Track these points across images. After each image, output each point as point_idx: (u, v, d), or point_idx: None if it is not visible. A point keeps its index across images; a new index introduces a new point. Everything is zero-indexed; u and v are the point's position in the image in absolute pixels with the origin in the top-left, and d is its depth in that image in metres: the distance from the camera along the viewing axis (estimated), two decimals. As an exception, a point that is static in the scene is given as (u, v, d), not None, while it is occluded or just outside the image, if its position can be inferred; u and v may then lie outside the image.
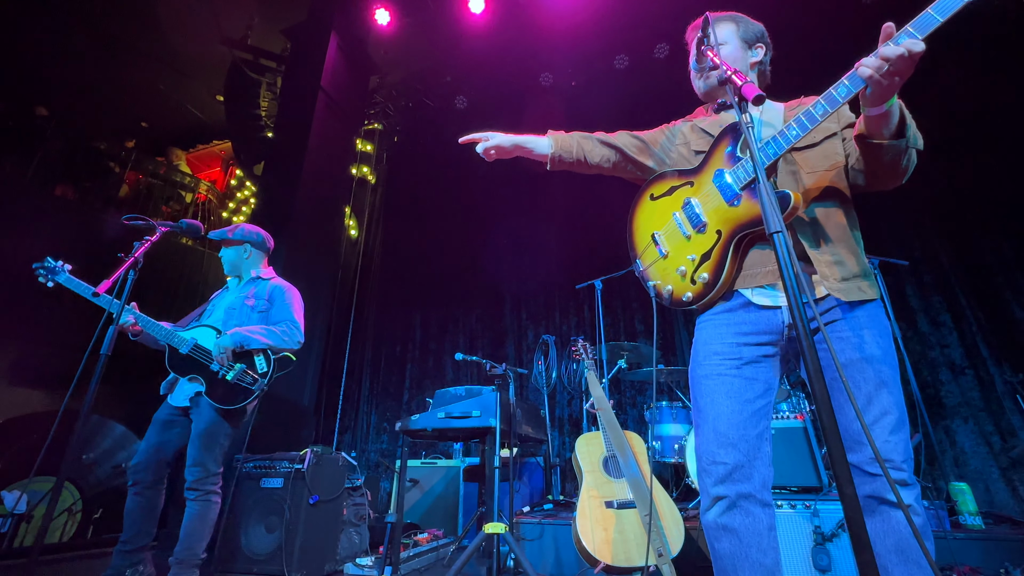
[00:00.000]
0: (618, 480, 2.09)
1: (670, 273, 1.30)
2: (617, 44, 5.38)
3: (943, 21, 0.91)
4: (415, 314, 5.78)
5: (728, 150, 1.25)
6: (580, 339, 2.74)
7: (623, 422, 4.42)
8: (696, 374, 1.23)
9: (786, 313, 1.18)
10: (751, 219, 1.16)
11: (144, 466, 2.18)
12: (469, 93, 6.16)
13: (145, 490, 2.16)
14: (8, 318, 4.34)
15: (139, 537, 2.12)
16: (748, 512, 1.09)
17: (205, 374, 2.26)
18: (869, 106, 1.04)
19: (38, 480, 3.12)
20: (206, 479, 2.17)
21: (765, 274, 1.20)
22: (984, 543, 2.12)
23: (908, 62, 0.93)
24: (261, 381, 2.33)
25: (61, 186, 5.76)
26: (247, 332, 2.34)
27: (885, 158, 1.11)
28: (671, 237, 1.32)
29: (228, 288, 2.67)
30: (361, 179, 6.53)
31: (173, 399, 2.30)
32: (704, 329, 1.26)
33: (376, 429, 5.39)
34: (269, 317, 2.52)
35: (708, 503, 1.14)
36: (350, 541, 2.85)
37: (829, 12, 4.28)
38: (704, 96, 1.46)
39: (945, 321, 3.60)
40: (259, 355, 2.38)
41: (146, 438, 2.25)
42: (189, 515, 2.14)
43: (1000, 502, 3.04)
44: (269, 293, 2.57)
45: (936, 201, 3.82)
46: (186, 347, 2.28)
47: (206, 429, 2.20)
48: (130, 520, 2.14)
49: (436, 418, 2.50)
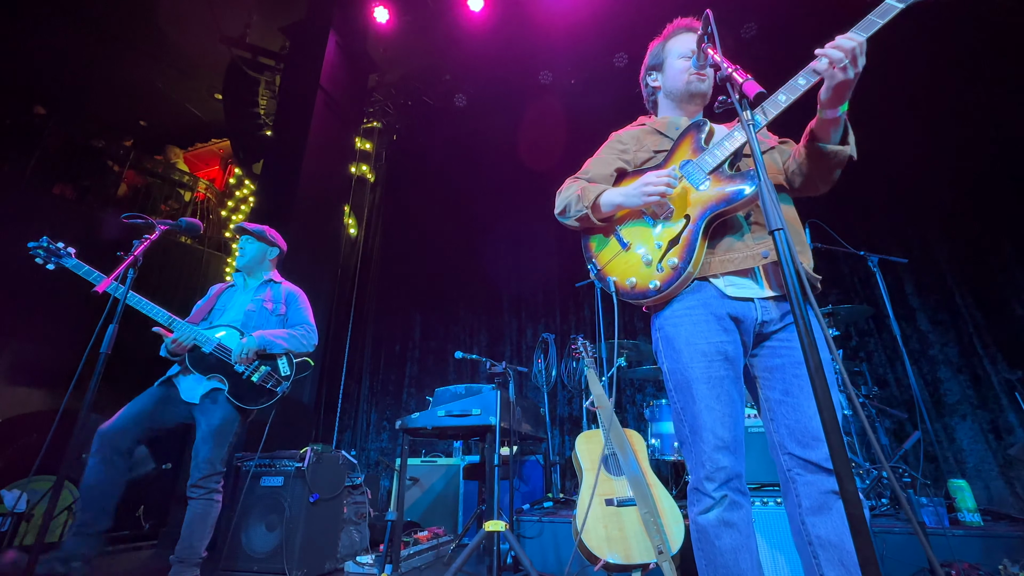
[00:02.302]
0: (618, 478, 2.10)
1: (633, 264, 1.29)
2: (616, 42, 5.37)
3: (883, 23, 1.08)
4: (415, 312, 5.78)
5: (693, 143, 1.30)
6: (580, 337, 2.74)
7: (623, 420, 4.43)
8: (684, 376, 1.20)
9: (759, 308, 1.20)
10: (719, 199, 1.20)
11: (121, 429, 2.05)
12: (468, 91, 6.15)
13: (112, 458, 2.01)
14: (7, 317, 4.33)
15: (100, 518, 1.96)
16: (742, 505, 1.14)
17: (228, 374, 2.27)
18: (827, 108, 1.14)
19: (38, 479, 3.12)
20: (211, 477, 2.15)
21: (733, 260, 1.21)
22: (983, 539, 2.12)
23: (851, 53, 1.06)
24: (285, 384, 2.38)
25: (60, 185, 5.74)
26: (271, 336, 2.39)
27: (829, 162, 1.21)
28: (633, 229, 1.32)
29: (236, 286, 2.64)
30: (360, 177, 6.52)
31: (182, 393, 2.26)
32: (683, 325, 1.22)
33: (376, 427, 5.39)
34: (286, 321, 2.59)
35: (709, 504, 1.14)
36: (350, 539, 2.86)
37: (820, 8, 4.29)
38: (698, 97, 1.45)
39: (943, 319, 3.60)
40: (282, 358, 2.43)
41: (136, 401, 2.16)
42: (193, 514, 2.11)
43: (998, 499, 3.06)
44: (285, 297, 2.64)
45: (935, 198, 3.83)
46: (210, 346, 2.27)
47: (220, 426, 2.19)
48: (91, 495, 1.95)
49: (436, 416, 2.51)
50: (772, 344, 1.22)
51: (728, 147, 1.22)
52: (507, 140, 5.71)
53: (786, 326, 1.21)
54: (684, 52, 1.42)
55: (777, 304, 1.22)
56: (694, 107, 1.47)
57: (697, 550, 1.16)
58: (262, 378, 2.31)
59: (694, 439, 1.18)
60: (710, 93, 1.44)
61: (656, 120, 1.50)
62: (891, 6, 1.07)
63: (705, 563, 1.13)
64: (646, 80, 1.55)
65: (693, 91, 1.42)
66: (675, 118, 1.47)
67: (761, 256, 1.20)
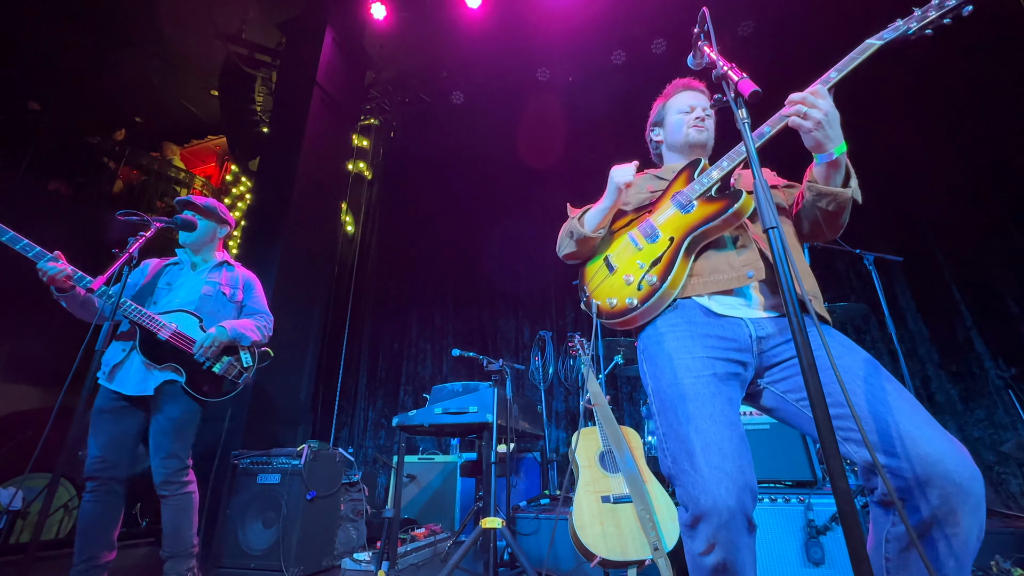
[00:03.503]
0: (614, 475, 2.11)
1: (615, 285, 1.30)
2: (614, 39, 5.36)
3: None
4: (412, 310, 5.78)
5: (687, 178, 1.34)
6: (577, 335, 2.74)
7: (619, 417, 4.44)
8: (668, 395, 1.10)
9: (751, 325, 1.14)
10: (703, 219, 1.22)
11: (110, 461, 1.95)
12: (465, 88, 6.13)
13: (111, 490, 1.96)
14: (2, 314, 4.31)
15: (104, 550, 1.91)
16: (743, 549, 0.98)
17: (186, 363, 2.10)
18: (814, 152, 1.14)
19: (33, 476, 3.12)
20: (181, 471, 2.05)
21: (717, 281, 1.19)
22: (975, 536, 2.14)
23: (806, 102, 1.07)
24: (247, 375, 2.30)
25: (54, 181, 5.71)
26: (242, 328, 2.27)
27: (828, 205, 1.18)
28: (622, 253, 1.35)
29: (182, 264, 2.40)
30: (357, 175, 6.50)
31: (125, 387, 2.03)
32: (665, 341, 1.16)
33: (373, 425, 5.39)
34: (243, 308, 2.44)
35: (704, 547, 0.99)
36: (347, 536, 2.87)
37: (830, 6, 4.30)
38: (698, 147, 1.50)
39: (939, 317, 3.62)
40: (244, 349, 2.31)
41: (97, 430, 1.99)
42: (171, 512, 2.01)
43: (990, 496, 3.08)
44: (243, 284, 2.47)
45: (930, 196, 3.84)
46: (166, 333, 2.08)
47: (181, 418, 2.06)
48: (92, 530, 1.90)
49: (433, 414, 2.51)
50: (790, 360, 1.11)
51: (715, 175, 1.26)
52: (504, 137, 5.71)
53: (787, 340, 1.12)
54: (683, 108, 1.50)
55: (774, 320, 1.16)
56: (695, 156, 1.48)
57: (691, 572, 1.07)
58: (224, 369, 2.19)
59: (682, 469, 1.02)
60: (711, 143, 1.50)
61: (659, 169, 1.57)
62: (870, 44, 1.11)
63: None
64: (650, 136, 1.63)
65: (692, 141, 1.47)
66: (676, 165, 1.49)
67: (746, 276, 1.17)
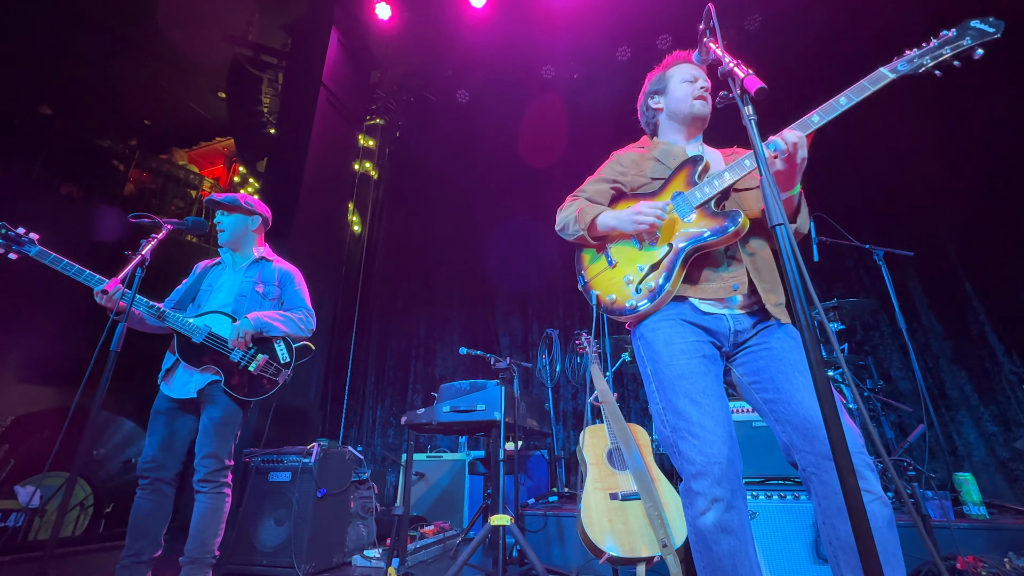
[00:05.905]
0: (622, 472, 2.11)
1: (615, 282, 1.38)
2: (619, 36, 5.33)
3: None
4: (419, 308, 5.80)
5: (688, 177, 1.37)
6: (584, 333, 2.74)
7: (627, 415, 4.42)
8: (666, 375, 1.25)
9: (731, 320, 1.29)
10: (701, 234, 1.29)
11: (158, 461, 2.02)
12: (471, 87, 6.13)
13: (158, 490, 2.01)
14: (17, 316, 4.38)
15: (150, 546, 1.95)
16: (740, 510, 1.13)
17: (223, 364, 2.13)
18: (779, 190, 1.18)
19: (51, 475, 3.18)
20: (220, 471, 2.07)
21: (707, 290, 1.30)
22: (988, 532, 2.12)
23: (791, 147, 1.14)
24: (285, 372, 2.26)
25: (66, 185, 5.79)
26: (267, 318, 2.23)
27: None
28: (621, 249, 1.41)
29: (224, 264, 2.43)
30: (364, 174, 6.53)
31: (173, 390, 2.12)
32: (660, 330, 1.29)
33: (382, 423, 5.43)
34: (282, 304, 2.41)
35: (705, 505, 1.13)
36: (358, 534, 2.89)
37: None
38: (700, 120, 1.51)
39: (950, 312, 3.58)
40: (279, 344, 2.28)
41: (152, 431, 2.08)
42: (202, 510, 2.02)
43: (1004, 492, 3.05)
44: (279, 278, 2.43)
45: (941, 189, 3.79)
46: (200, 336, 2.13)
47: (222, 419, 2.09)
48: (140, 526, 1.95)
49: (442, 412, 2.52)
50: (751, 348, 1.29)
51: (717, 185, 1.30)
52: (510, 135, 5.70)
53: (758, 332, 1.29)
54: (687, 77, 1.50)
55: (749, 316, 1.31)
56: (695, 129, 1.52)
57: (695, 552, 1.17)
58: (260, 367, 2.18)
59: (681, 435, 1.19)
60: (709, 118, 1.51)
61: (657, 144, 1.55)
62: (883, 75, 1.15)
63: (703, 566, 1.15)
64: (647, 103, 1.60)
65: (696, 113, 1.48)
66: (673, 145, 1.52)
67: (732, 288, 1.29)
